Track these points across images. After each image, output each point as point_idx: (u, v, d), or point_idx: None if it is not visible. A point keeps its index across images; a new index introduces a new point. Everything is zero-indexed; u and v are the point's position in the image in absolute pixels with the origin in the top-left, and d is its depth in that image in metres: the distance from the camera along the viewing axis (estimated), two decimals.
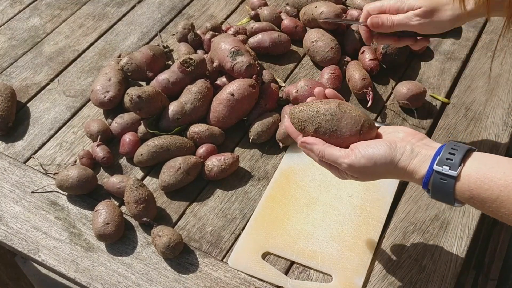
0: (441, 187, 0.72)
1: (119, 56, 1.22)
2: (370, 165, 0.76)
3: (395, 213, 0.98)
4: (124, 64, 1.13)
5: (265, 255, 0.93)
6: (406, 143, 0.76)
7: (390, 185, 1.00)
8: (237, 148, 1.09)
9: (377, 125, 0.82)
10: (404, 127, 0.80)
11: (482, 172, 0.70)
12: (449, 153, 0.72)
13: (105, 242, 0.95)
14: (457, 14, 0.90)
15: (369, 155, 0.75)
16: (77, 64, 1.27)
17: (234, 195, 1.02)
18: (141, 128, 1.07)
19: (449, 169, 0.71)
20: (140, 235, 0.96)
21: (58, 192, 1.02)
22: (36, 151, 1.10)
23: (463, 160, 0.71)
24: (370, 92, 1.12)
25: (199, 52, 1.24)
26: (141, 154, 1.03)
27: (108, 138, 1.09)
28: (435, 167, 0.72)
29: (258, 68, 1.12)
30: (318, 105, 0.80)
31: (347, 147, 0.78)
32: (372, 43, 1.07)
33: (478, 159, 0.72)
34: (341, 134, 0.78)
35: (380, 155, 0.75)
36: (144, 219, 0.95)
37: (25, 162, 1.08)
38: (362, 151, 0.76)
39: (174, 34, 1.31)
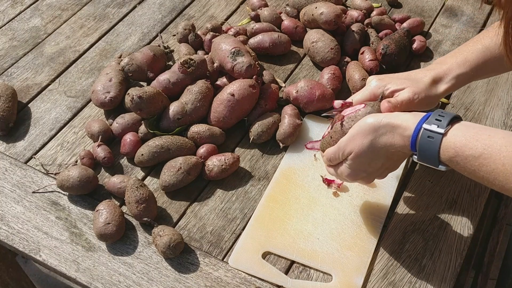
0: (428, 145, 0.76)
1: (120, 57, 1.23)
2: (358, 132, 0.82)
3: (395, 213, 0.98)
4: (125, 65, 1.13)
5: (265, 255, 0.93)
6: (392, 113, 0.83)
7: (390, 185, 1.01)
8: (237, 148, 1.10)
9: None
10: None
11: (468, 133, 0.74)
12: (439, 114, 0.77)
13: (106, 242, 0.95)
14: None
15: (356, 125, 0.83)
16: (78, 65, 1.27)
17: (235, 195, 1.02)
18: (142, 128, 1.07)
19: (437, 127, 0.75)
20: (141, 235, 0.96)
21: (59, 192, 1.03)
22: (37, 151, 1.10)
23: (451, 123, 0.76)
24: None
25: (200, 52, 1.24)
26: (142, 154, 1.03)
27: (109, 138, 1.09)
28: (424, 125, 0.76)
29: (258, 69, 1.12)
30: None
31: None
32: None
33: (465, 124, 0.77)
34: None
35: (365, 120, 0.82)
36: (145, 219, 0.95)
37: (26, 162, 1.08)
38: (353, 127, 0.84)
39: (174, 35, 1.32)
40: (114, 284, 0.90)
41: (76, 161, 1.07)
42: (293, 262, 0.92)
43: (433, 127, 0.75)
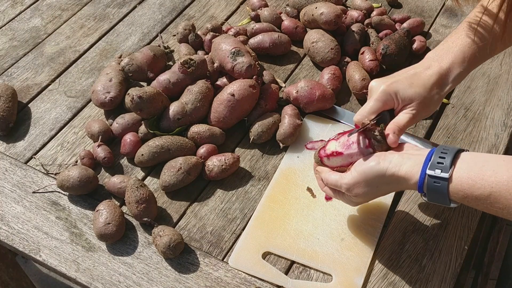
0: (436, 190, 0.75)
1: (120, 57, 1.23)
2: (363, 180, 0.81)
3: (395, 213, 0.98)
4: (125, 65, 1.13)
5: (265, 255, 0.93)
6: (395, 153, 0.80)
7: None
8: (237, 148, 1.10)
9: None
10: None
11: (473, 172, 0.73)
12: (440, 156, 0.75)
13: (106, 242, 0.95)
14: (443, 92, 0.89)
15: (360, 170, 0.81)
16: (78, 65, 1.27)
17: (235, 195, 1.02)
18: (142, 128, 1.07)
19: (441, 172, 0.74)
20: (141, 235, 0.96)
21: (59, 192, 1.03)
22: (37, 151, 1.10)
23: (454, 162, 0.74)
24: None
25: (200, 52, 1.24)
26: (142, 154, 1.03)
27: (109, 139, 1.09)
28: (428, 171, 0.75)
29: (258, 69, 1.12)
30: None
31: None
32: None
33: (467, 159, 0.75)
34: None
35: (370, 167, 0.80)
36: (145, 219, 0.95)
37: (26, 162, 1.08)
38: (355, 168, 0.82)
39: (174, 35, 1.32)
40: (114, 284, 0.90)
41: (76, 161, 1.07)
42: (293, 262, 0.92)
43: (437, 172, 0.74)
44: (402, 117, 0.86)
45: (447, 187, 0.74)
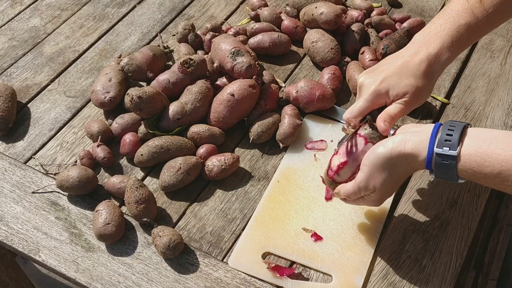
0: (444, 168, 0.75)
1: (120, 57, 1.23)
2: (374, 169, 0.81)
3: (395, 213, 0.98)
4: (125, 65, 1.13)
5: (265, 255, 0.93)
6: (396, 135, 0.80)
7: None
8: (237, 149, 1.09)
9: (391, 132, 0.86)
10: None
11: (481, 149, 0.72)
12: (447, 134, 0.74)
13: (105, 242, 0.95)
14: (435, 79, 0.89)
15: (368, 162, 0.81)
16: (77, 65, 1.27)
17: (234, 195, 1.02)
18: (142, 128, 1.07)
19: (449, 149, 0.73)
20: (141, 235, 0.96)
21: (58, 192, 1.02)
22: (37, 151, 1.10)
23: (461, 138, 0.74)
24: None
25: (200, 52, 1.24)
26: (142, 155, 1.03)
27: (109, 139, 1.09)
28: (436, 149, 0.74)
29: (258, 69, 1.12)
30: None
31: None
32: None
33: (475, 136, 0.74)
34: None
35: (375, 154, 0.80)
36: (145, 219, 0.95)
37: (25, 162, 1.08)
38: (363, 163, 0.82)
39: (174, 35, 1.32)
40: (113, 284, 0.90)
41: (76, 161, 1.07)
42: (293, 262, 0.92)
43: (445, 150, 0.73)
44: (394, 106, 0.86)
45: (456, 164, 0.73)
